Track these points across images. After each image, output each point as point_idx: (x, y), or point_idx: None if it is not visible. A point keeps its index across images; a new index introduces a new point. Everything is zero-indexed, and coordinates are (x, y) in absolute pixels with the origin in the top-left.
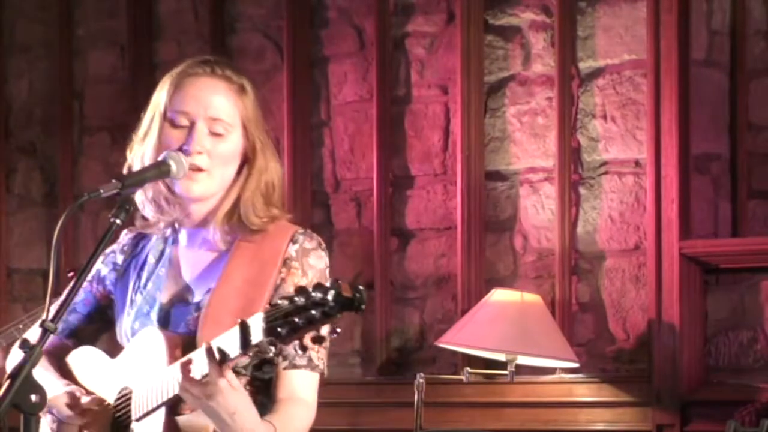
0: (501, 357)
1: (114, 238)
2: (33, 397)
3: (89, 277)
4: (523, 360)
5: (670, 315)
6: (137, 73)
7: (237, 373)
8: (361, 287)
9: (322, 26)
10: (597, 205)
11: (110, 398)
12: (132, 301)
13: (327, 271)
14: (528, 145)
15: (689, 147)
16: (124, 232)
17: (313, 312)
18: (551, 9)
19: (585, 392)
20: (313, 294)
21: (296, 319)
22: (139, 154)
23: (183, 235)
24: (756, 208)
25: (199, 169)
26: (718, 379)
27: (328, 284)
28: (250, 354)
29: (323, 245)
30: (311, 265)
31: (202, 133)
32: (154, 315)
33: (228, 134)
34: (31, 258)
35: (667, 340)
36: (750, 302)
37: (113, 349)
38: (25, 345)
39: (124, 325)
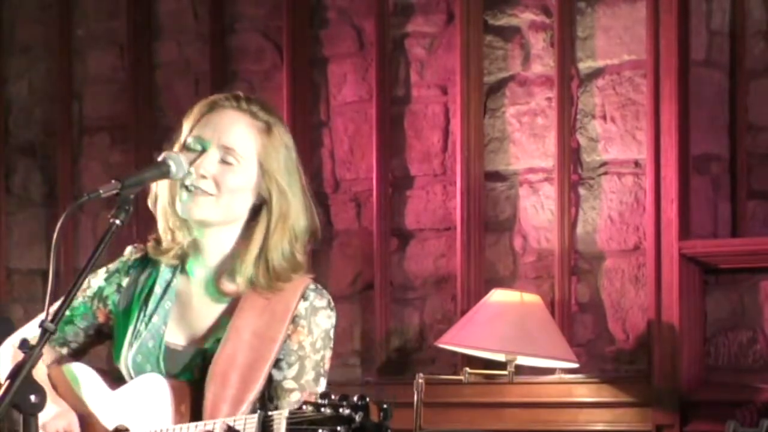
0: (500, 357)
1: (112, 244)
2: (32, 397)
3: (90, 292)
4: (522, 360)
5: (669, 315)
6: (137, 73)
7: None
8: (386, 406)
9: (322, 26)
10: (596, 205)
11: (105, 428)
12: (135, 332)
13: (332, 331)
14: (527, 145)
15: (689, 147)
16: (131, 249)
17: (338, 429)
18: (551, 9)
19: (584, 392)
20: (341, 410)
21: (320, 431)
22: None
23: (192, 269)
24: (755, 209)
25: (204, 193)
26: (718, 380)
27: (356, 401)
28: None
29: (332, 304)
30: (318, 324)
31: (212, 158)
32: (159, 354)
33: (239, 166)
34: (31, 258)
35: (667, 340)
36: (749, 302)
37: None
38: (24, 345)
39: (125, 353)
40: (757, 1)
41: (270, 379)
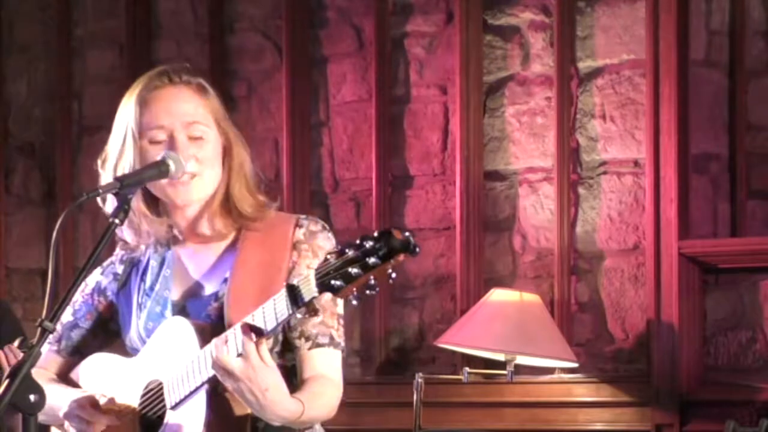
0: (500, 357)
1: (111, 243)
2: (32, 397)
3: (88, 290)
4: (522, 360)
5: (669, 315)
6: (136, 72)
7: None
8: (408, 232)
9: (321, 26)
10: (596, 204)
11: (133, 397)
12: (140, 305)
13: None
14: (527, 145)
15: (688, 147)
16: (121, 244)
17: (369, 260)
18: (550, 9)
19: (584, 392)
20: (365, 243)
21: (351, 270)
22: (117, 172)
23: (181, 237)
24: (755, 208)
25: (193, 175)
26: (717, 379)
27: (376, 234)
28: (299, 315)
29: (327, 227)
30: (320, 246)
31: (182, 142)
32: (168, 312)
33: (207, 135)
34: (30, 258)
35: (666, 339)
36: (749, 302)
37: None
38: (23, 345)
39: (134, 326)
40: (757, 1)
41: None
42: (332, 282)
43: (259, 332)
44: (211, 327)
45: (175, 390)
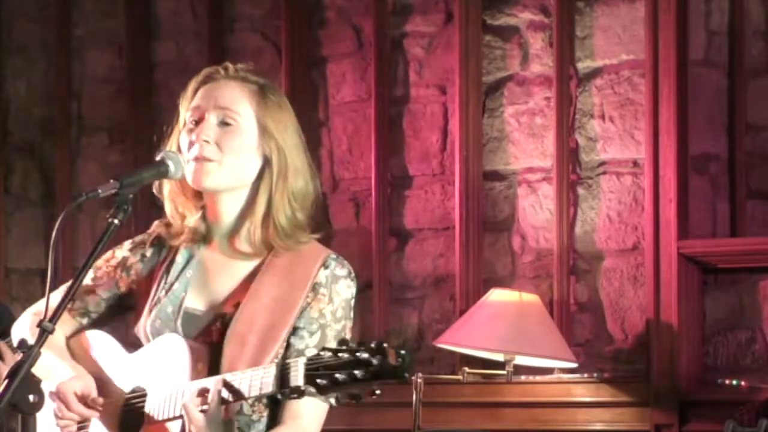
0: (499, 357)
1: (113, 241)
2: (31, 397)
3: (114, 262)
4: (521, 360)
5: (668, 315)
6: (135, 73)
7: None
8: (404, 352)
9: (321, 26)
10: (595, 205)
11: (118, 393)
12: (155, 299)
13: (352, 301)
14: (526, 145)
15: (687, 147)
16: (157, 222)
17: (356, 372)
18: (549, 9)
19: (583, 392)
20: (359, 354)
21: (337, 375)
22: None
23: (212, 239)
24: (754, 209)
25: (208, 159)
26: (717, 379)
27: (373, 346)
28: (280, 396)
29: (353, 274)
30: (338, 293)
31: (210, 123)
32: (177, 317)
33: (238, 125)
34: (29, 258)
35: (666, 340)
36: (748, 302)
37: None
38: (23, 345)
39: (144, 320)
40: (756, 1)
41: (291, 348)
42: (317, 380)
43: (238, 396)
44: (210, 349)
45: (156, 409)
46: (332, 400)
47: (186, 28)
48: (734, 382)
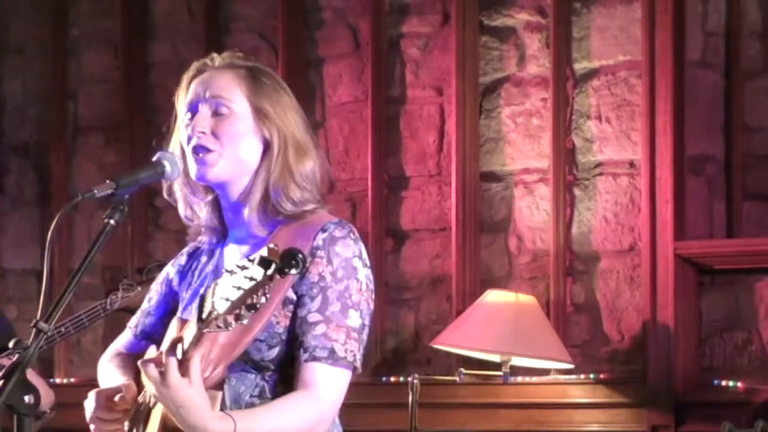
0: (495, 358)
1: (109, 242)
2: (26, 398)
3: (161, 279)
4: (517, 361)
5: (664, 316)
6: (131, 73)
7: (265, 368)
8: (301, 255)
9: (317, 27)
10: (591, 206)
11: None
12: (182, 298)
13: (356, 260)
14: (523, 146)
15: (684, 148)
16: (188, 238)
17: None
18: (546, 10)
19: (579, 393)
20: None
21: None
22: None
23: (228, 230)
24: (751, 210)
25: (207, 150)
26: (713, 381)
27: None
28: (204, 330)
29: (355, 235)
30: (337, 253)
31: (203, 114)
32: (193, 306)
33: (232, 112)
34: (25, 258)
35: (662, 341)
36: (745, 303)
37: None
38: (18, 345)
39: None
40: (753, 2)
41: (297, 318)
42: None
43: (184, 351)
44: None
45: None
46: (337, 350)
47: (182, 29)
48: (731, 384)
